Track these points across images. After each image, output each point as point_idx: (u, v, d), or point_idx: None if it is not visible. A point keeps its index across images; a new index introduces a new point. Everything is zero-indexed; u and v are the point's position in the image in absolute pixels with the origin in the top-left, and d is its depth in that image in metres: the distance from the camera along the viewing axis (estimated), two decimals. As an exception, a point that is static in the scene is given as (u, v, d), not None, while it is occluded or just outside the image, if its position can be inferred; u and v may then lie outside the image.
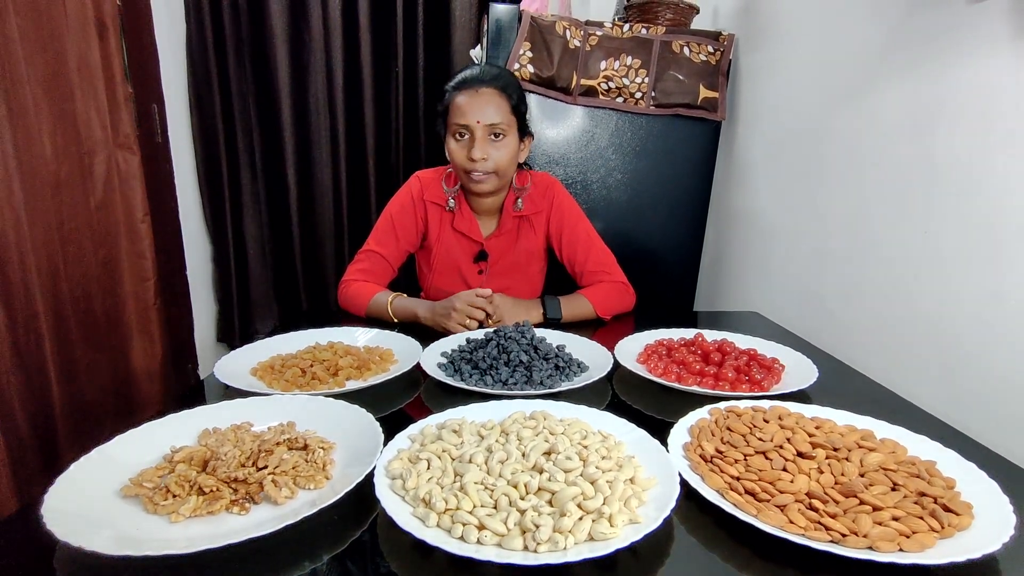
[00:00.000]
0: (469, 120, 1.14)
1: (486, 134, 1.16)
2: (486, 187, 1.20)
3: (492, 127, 1.15)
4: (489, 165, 1.17)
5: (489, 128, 1.15)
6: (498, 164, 1.18)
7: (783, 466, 0.64)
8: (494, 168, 1.18)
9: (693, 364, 0.93)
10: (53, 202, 1.35)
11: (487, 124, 1.15)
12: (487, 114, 1.14)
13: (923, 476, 0.62)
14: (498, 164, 1.18)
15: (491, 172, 1.18)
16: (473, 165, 1.17)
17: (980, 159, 0.87)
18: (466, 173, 1.19)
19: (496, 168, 1.18)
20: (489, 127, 1.15)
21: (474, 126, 1.15)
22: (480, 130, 1.15)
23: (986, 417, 0.84)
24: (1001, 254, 0.83)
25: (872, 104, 1.09)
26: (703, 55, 1.59)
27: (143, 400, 1.66)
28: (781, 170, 1.42)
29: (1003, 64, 0.83)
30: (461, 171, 1.20)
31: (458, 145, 1.18)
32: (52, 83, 1.34)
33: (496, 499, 0.57)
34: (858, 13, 1.14)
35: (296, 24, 2.08)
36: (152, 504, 0.57)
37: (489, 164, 1.17)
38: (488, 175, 1.18)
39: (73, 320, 1.42)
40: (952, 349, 0.91)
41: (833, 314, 1.20)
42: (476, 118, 1.14)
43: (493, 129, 1.16)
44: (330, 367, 0.90)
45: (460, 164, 1.19)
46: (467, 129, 1.16)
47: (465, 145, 1.17)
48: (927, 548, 0.52)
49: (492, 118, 1.15)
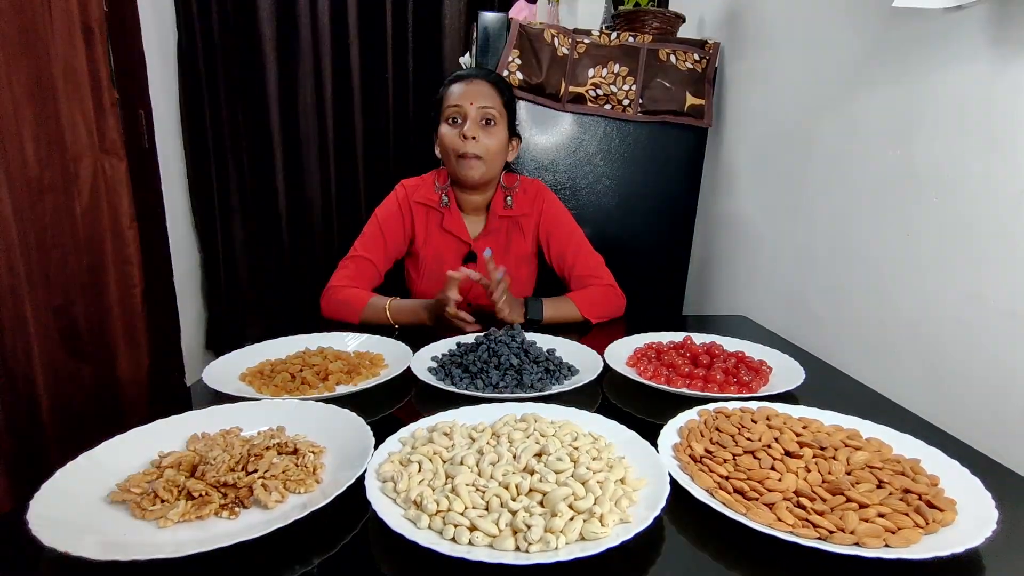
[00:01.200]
0: (462, 101, 1.20)
1: (478, 117, 1.21)
2: (475, 173, 1.23)
3: (484, 110, 1.21)
4: (479, 148, 1.21)
5: (482, 112, 1.20)
6: (488, 149, 1.21)
7: (771, 465, 0.64)
8: (484, 152, 1.21)
9: (682, 367, 0.93)
10: (37, 208, 1.34)
11: (480, 106, 1.20)
12: (480, 98, 1.20)
13: (908, 474, 0.63)
14: (488, 149, 1.21)
15: (480, 157, 1.21)
16: (464, 145, 1.20)
17: (959, 164, 0.89)
18: (457, 158, 1.22)
19: (485, 153, 1.21)
20: (482, 110, 1.20)
21: (467, 107, 1.20)
22: (473, 111, 1.20)
23: (968, 416, 0.85)
24: (980, 256, 0.85)
25: (854, 111, 1.12)
26: (689, 63, 1.61)
27: (129, 408, 1.64)
28: (767, 176, 1.44)
29: (980, 71, 0.85)
30: (452, 156, 1.23)
31: (450, 129, 1.22)
32: (36, 88, 1.32)
33: (488, 500, 0.57)
34: (840, 22, 1.16)
35: (286, 30, 2.09)
36: (140, 509, 0.56)
37: (479, 147, 1.21)
38: (478, 160, 1.21)
39: (57, 327, 1.40)
40: (934, 349, 0.93)
41: (818, 317, 1.21)
42: (470, 100, 1.20)
43: (485, 114, 1.21)
44: (320, 372, 0.90)
45: (451, 147, 1.22)
46: (460, 112, 1.21)
47: (457, 128, 1.22)
48: (912, 543, 0.52)
49: (485, 102, 1.21)
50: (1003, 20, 0.81)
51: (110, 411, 1.57)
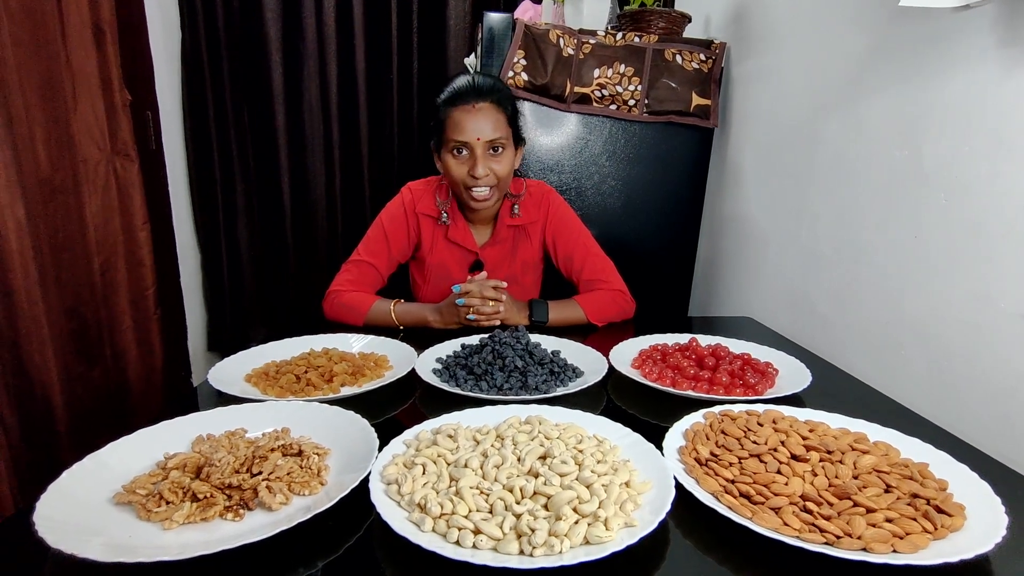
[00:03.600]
0: (469, 137, 1.14)
1: (486, 150, 1.16)
2: (488, 204, 1.20)
3: (492, 142, 1.15)
4: (491, 180, 1.17)
5: (489, 144, 1.15)
6: (499, 177, 1.18)
7: (777, 469, 0.64)
8: (495, 181, 1.18)
9: (688, 369, 0.93)
10: (49, 209, 1.35)
11: (487, 140, 1.14)
12: (486, 131, 1.14)
13: (916, 478, 0.62)
14: (499, 177, 1.18)
15: (493, 187, 1.18)
16: (475, 182, 1.16)
17: (967, 164, 0.88)
18: (466, 190, 1.18)
19: (498, 181, 1.18)
20: (489, 143, 1.15)
21: (474, 143, 1.14)
22: (480, 147, 1.14)
23: (977, 419, 0.85)
24: (989, 257, 0.84)
25: (862, 111, 1.11)
26: (695, 63, 1.60)
27: (139, 409, 1.65)
28: (773, 176, 1.43)
29: (988, 72, 0.84)
30: (460, 188, 1.19)
31: (456, 161, 1.17)
32: (48, 90, 1.33)
33: (492, 503, 0.57)
34: (847, 22, 1.15)
35: (290, 32, 2.09)
36: (145, 511, 0.57)
37: (490, 179, 1.17)
38: (491, 190, 1.18)
39: (68, 328, 1.41)
40: (942, 352, 0.92)
41: (825, 318, 1.20)
42: (476, 135, 1.14)
43: (492, 144, 1.16)
44: (325, 373, 0.90)
45: (460, 180, 1.18)
46: (466, 146, 1.15)
47: (464, 161, 1.17)
48: (920, 549, 0.52)
49: (491, 134, 1.14)
50: (1012, 20, 0.80)
51: (120, 413, 1.58)
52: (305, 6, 2.06)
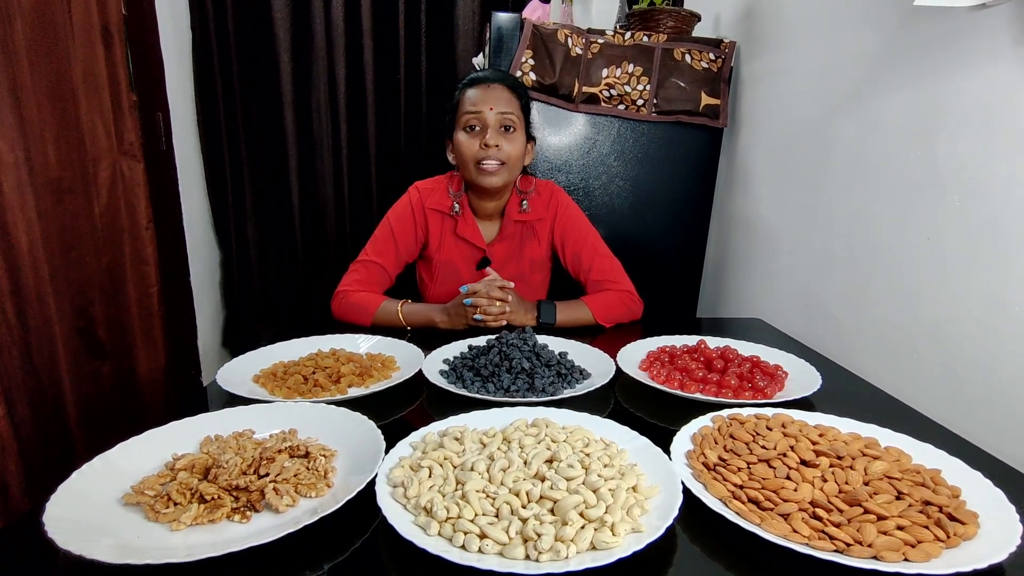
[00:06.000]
0: (482, 108, 1.18)
1: (498, 124, 1.19)
2: (496, 179, 1.20)
3: (504, 116, 1.18)
4: (501, 155, 1.19)
5: (501, 118, 1.18)
6: (509, 155, 1.19)
7: (787, 474, 0.63)
8: (505, 158, 1.19)
9: (696, 371, 0.92)
10: (57, 209, 1.36)
11: (499, 112, 1.18)
12: (499, 104, 1.18)
13: (928, 484, 0.61)
14: (509, 155, 1.19)
15: (502, 163, 1.19)
16: (485, 152, 1.18)
17: (983, 165, 0.86)
18: (476, 164, 1.19)
19: (507, 159, 1.19)
20: (501, 116, 1.18)
21: (487, 114, 1.18)
22: (493, 118, 1.18)
23: (992, 425, 0.83)
24: (1005, 260, 0.83)
25: (874, 110, 1.09)
26: (704, 62, 1.59)
27: (147, 406, 1.66)
28: (783, 176, 1.42)
29: (1005, 71, 0.83)
30: (472, 163, 1.20)
31: (468, 137, 1.20)
32: (56, 91, 1.34)
33: (498, 507, 0.57)
34: (859, 20, 1.14)
35: (299, 32, 2.10)
36: (153, 512, 0.57)
37: (501, 154, 1.19)
38: (500, 166, 1.19)
39: (76, 326, 1.43)
40: (957, 356, 0.90)
41: (837, 321, 1.19)
42: (489, 106, 1.17)
43: (504, 120, 1.18)
44: (332, 374, 0.90)
45: (471, 154, 1.20)
46: (479, 119, 1.18)
47: (476, 136, 1.19)
48: (932, 558, 0.51)
49: (504, 108, 1.18)
50: (1030, 18, 0.79)
51: (129, 409, 1.60)
52: (314, 7, 2.07)
